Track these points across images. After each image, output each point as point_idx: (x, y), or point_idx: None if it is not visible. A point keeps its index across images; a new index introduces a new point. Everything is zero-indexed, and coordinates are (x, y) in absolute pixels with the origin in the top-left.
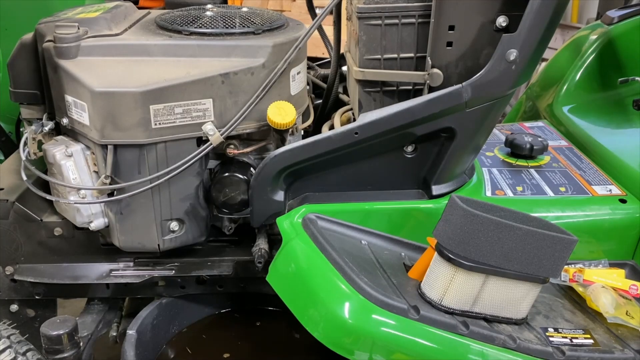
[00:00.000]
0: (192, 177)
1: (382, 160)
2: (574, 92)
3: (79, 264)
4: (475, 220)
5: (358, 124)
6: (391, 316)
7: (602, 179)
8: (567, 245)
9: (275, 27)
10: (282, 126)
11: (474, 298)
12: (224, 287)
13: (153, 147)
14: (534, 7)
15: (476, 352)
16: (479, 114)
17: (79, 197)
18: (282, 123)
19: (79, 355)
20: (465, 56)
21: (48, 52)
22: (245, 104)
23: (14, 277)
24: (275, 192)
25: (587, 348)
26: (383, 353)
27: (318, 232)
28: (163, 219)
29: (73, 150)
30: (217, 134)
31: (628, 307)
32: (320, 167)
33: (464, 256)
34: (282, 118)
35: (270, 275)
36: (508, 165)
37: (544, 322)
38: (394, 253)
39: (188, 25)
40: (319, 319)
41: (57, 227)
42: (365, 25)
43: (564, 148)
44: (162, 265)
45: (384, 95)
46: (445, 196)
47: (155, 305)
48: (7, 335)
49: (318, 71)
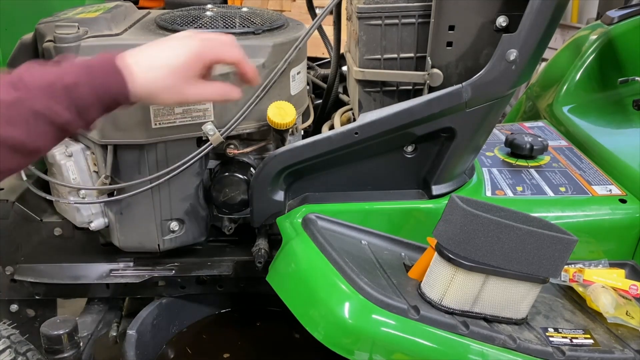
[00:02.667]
0: (192, 177)
1: (382, 160)
2: (574, 92)
3: (79, 264)
4: (475, 220)
5: (358, 124)
6: (391, 316)
7: (602, 179)
8: (567, 245)
9: (275, 27)
10: (282, 126)
11: (474, 298)
12: (224, 287)
13: (153, 147)
14: (534, 7)
15: (476, 352)
16: (479, 114)
17: (79, 197)
18: (282, 123)
19: (79, 355)
20: (465, 56)
21: (48, 52)
22: (245, 104)
23: (14, 277)
24: (275, 192)
25: (587, 348)
26: (383, 353)
27: (318, 232)
28: (163, 219)
29: (73, 150)
30: (217, 134)
31: (628, 307)
32: (320, 167)
33: (464, 256)
34: (282, 118)
35: (270, 275)
36: (508, 165)
37: (544, 322)
38: (394, 253)
39: (188, 25)
40: (319, 319)
41: (57, 227)
42: (365, 25)
43: (564, 148)
44: (162, 265)
45: (384, 95)
46: (445, 196)
47: (155, 305)
48: (7, 335)
49: (318, 71)
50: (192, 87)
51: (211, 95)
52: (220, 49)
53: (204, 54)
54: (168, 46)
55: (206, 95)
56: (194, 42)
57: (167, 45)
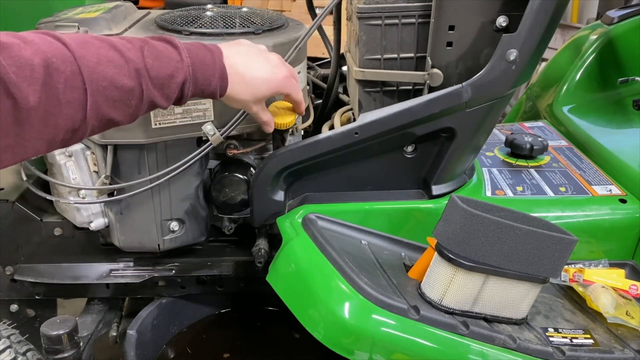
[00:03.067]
0: (192, 177)
1: (382, 160)
2: (574, 92)
3: (79, 264)
4: (475, 220)
5: (358, 124)
6: (391, 316)
7: (602, 179)
8: (567, 245)
9: (275, 27)
10: (282, 126)
11: (474, 298)
12: (224, 287)
13: (153, 147)
14: (534, 7)
15: (476, 352)
16: (479, 114)
17: (79, 197)
18: (282, 123)
19: (79, 355)
20: (465, 56)
21: None
22: None
23: (14, 277)
24: (275, 192)
25: (587, 348)
26: (383, 353)
27: (318, 232)
28: (163, 219)
29: (73, 150)
30: (217, 134)
31: (628, 307)
32: (320, 167)
33: (464, 256)
34: (282, 118)
35: (270, 275)
36: (508, 165)
37: (544, 322)
38: (394, 253)
39: (188, 25)
40: (319, 319)
41: (57, 227)
42: (365, 25)
43: (564, 148)
44: (162, 265)
45: (384, 95)
46: (445, 196)
47: (155, 305)
48: (7, 335)
49: (318, 71)
50: (257, 107)
51: (263, 117)
52: (293, 87)
53: (283, 89)
54: (263, 68)
55: (261, 116)
56: (281, 76)
57: (261, 66)
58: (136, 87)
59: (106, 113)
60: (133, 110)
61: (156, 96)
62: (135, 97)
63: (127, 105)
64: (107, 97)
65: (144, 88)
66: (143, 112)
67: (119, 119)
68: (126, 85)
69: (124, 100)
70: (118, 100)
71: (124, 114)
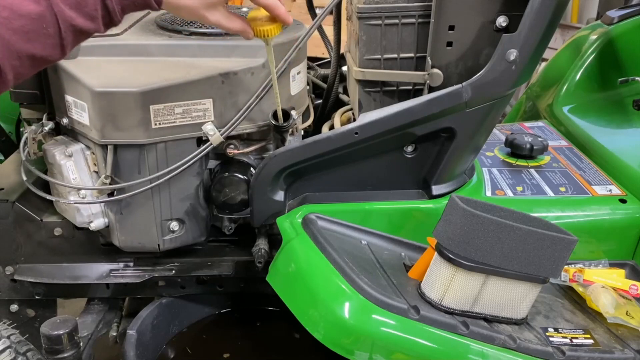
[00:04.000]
0: (192, 177)
1: (382, 160)
2: (574, 92)
3: (79, 264)
4: (475, 220)
5: (358, 124)
6: (391, 316)
7: (602, 179)
8: (567, 245)
9: None
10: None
11: (474, 298)
12: (224, 287)
13: (153, 147)
14: (534, 7)
15: (476, 352)
16: (479, 114)
17: (79, 197)
18: (262, 29)
19: (79, 355)
20: (465, 56)
21: None
22: (245, 104)
23: (14, 277)
24: (275, 192)
25: (587, 348)
26: (383, 353)
27: (318, 232)
28: (163, 219)
29: (73, 150)
30: (217, 134)
31: (628, 307)
32: (320, 167)
33: (464, 256)
34: (262, 25)
35: (270, 275)
36: (508, 165)
37: (544, 322)
38: (394, 253)
39: (188, 25)
40: (319, 319)
41: (57, 227)
42: (365, 25)
43: (564, 148)
44: (162, 265)
45: (384, 95)
46: (445, 196)
47: (155, 305)
48: (7, 335)
49: (318, 71)
50: (215, 12)
51: (229, 25)
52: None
53: None
54: None
55: (225, 25)
56: None
57: None
58: (45, 11)
59: (22, 48)
60: (56, 40)
61: (75, 18)
62: (49, 23)
63: (44, 34)
64: (14, 30)
65: (56, 10)
66: (72, 41)
67: (44, 54)
68: (33, 11)
69: (37, 29)
70: (30, 31)
71: (46, 46)
